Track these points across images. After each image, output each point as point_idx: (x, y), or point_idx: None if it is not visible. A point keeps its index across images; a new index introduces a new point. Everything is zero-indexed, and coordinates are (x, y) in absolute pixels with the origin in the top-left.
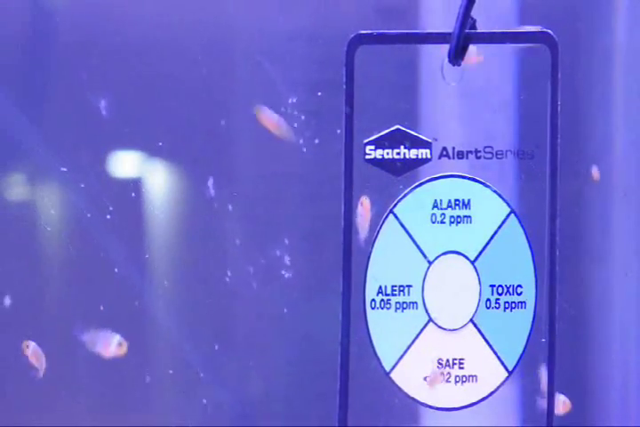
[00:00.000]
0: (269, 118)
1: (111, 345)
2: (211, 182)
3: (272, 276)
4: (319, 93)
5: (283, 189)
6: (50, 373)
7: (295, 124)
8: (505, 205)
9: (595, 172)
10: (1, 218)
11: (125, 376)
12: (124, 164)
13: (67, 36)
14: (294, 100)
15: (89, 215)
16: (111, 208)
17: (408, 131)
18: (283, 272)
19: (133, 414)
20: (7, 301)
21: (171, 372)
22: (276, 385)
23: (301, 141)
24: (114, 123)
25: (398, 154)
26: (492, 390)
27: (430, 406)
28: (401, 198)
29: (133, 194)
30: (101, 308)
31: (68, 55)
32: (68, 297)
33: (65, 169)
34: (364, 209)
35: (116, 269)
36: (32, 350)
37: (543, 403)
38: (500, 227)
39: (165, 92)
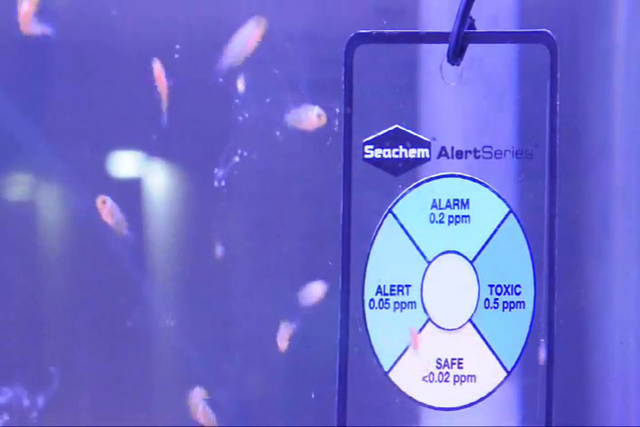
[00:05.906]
0: None
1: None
2: (211, 183)
3: (272, 275)
4: (318, 93)
5: (283, 189)
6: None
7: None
8: (504, 204)
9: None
10: (1, 218)
11: (124, 376)
12: (124, 164)
13: (67, 36)
14: (293, 100)
15: (89, 215)
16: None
17: (407, 130)
18: (282, 272)
19: (133, 414)
20: (7, 300)
21: (170, 370)
22: (275, 385)
23: (301, 141)
24: (114, 123)
25: (397, 153)
26: (490, 389)
27: (429, 406)
28: (400, 198)
29: (133, 194)
30: (101, 307)
31: (69, 55)
32: (67, 296)
33: (65, 169)
34: None
35: (116, 269)
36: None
37: (542, 403)
38: (498, 227)
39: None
